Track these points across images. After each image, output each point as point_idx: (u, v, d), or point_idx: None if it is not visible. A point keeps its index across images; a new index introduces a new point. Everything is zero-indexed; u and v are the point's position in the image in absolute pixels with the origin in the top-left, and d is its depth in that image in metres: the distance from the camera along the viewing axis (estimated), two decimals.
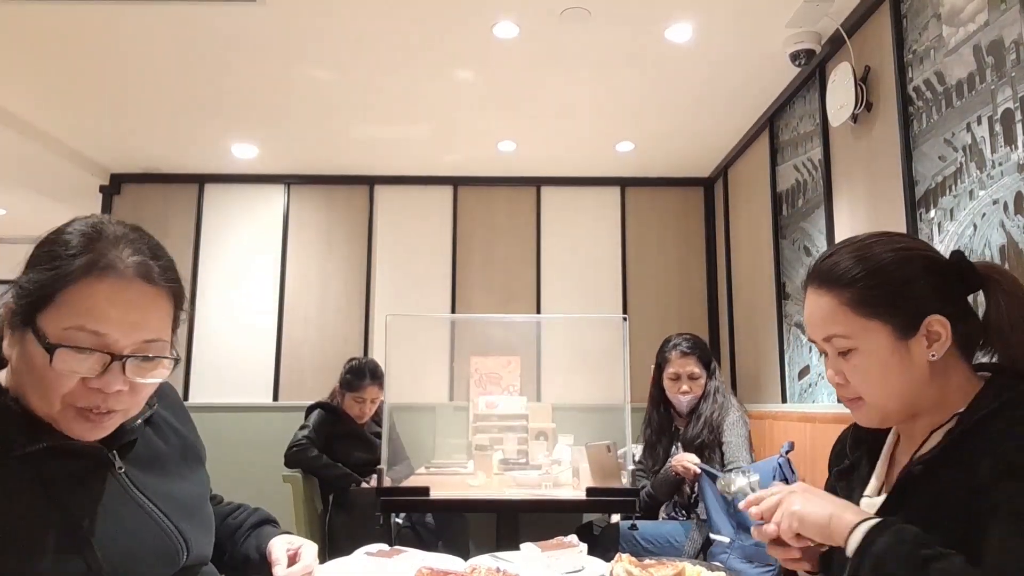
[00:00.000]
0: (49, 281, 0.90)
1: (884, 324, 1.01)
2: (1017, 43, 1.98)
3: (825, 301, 1.05)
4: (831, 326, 1.04)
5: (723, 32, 3.04)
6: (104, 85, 3.56)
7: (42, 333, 0.89)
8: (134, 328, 0.93)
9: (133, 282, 0.94)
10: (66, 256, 0.92)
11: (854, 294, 1.02)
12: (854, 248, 1.06)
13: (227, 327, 4.70)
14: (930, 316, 1.00)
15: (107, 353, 0.91)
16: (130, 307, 0.93)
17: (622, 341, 3.02)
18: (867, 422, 1.09)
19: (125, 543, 0.95)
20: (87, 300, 0.91)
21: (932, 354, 1.00)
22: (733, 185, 4.55)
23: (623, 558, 1.27)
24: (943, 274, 1.03)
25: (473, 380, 4.61)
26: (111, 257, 0.93)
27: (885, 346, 1.01)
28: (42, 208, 5.49)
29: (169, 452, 1.12)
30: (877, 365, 1.01)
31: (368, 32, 3.06)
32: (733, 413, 2.94)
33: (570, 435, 3.75)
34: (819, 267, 1.08)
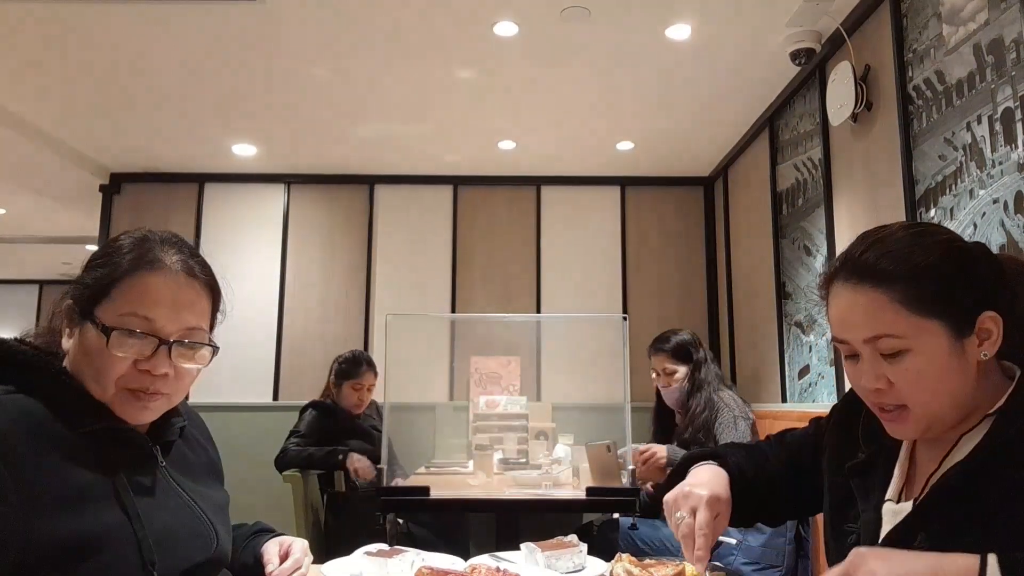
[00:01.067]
0: (105, 277, 1.05)
1: (942, 323, 0.91)
2: (1017, 42, 1.98)
3: (870, 298, 0.93)
4: (880, 326, 0.92)
5: (723, 32, 3.04)
6: (104, 85, 3.56)
7: (99, 321, 1.03)
8: (178, 316, 1.08)
9: (178, 276, 1.09)
10: (119, 256, 1.07)
11: (908, 290, 0.91)
12: (900, 239, 0.95)
13: (227, 327, 4.67)
14: (984, 312, 0.91)
15: (156, 337, 1.05)
16: (175, 298, 1.08)
17: (622, 341, 3.02)
18: (909, 434, 0.98)
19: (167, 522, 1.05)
20: (138, 290, 1.05)
21: (984, 353, 0.92)
22: (733, 185, 4.54)
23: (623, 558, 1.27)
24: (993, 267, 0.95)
25: (473, 380, 4.61)
26: (158, 254, 1.08)
27: (943, 347, 0.91)
28: (42, 208, 5.50)
29: (197, 464, 1.23)
30: (934, 368, 0.91)
31: (368, 32, 3.06)
32: (726, 413, 2.85)
33: (570, 435, 3.75)
34: (859, 260, 0.95)
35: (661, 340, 3.13)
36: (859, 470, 1.06)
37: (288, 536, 1.32)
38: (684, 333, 3.14)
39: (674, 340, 3.09)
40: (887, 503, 1.00)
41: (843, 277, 0.96)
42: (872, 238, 0.97)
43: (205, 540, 1.11)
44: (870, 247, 0.96)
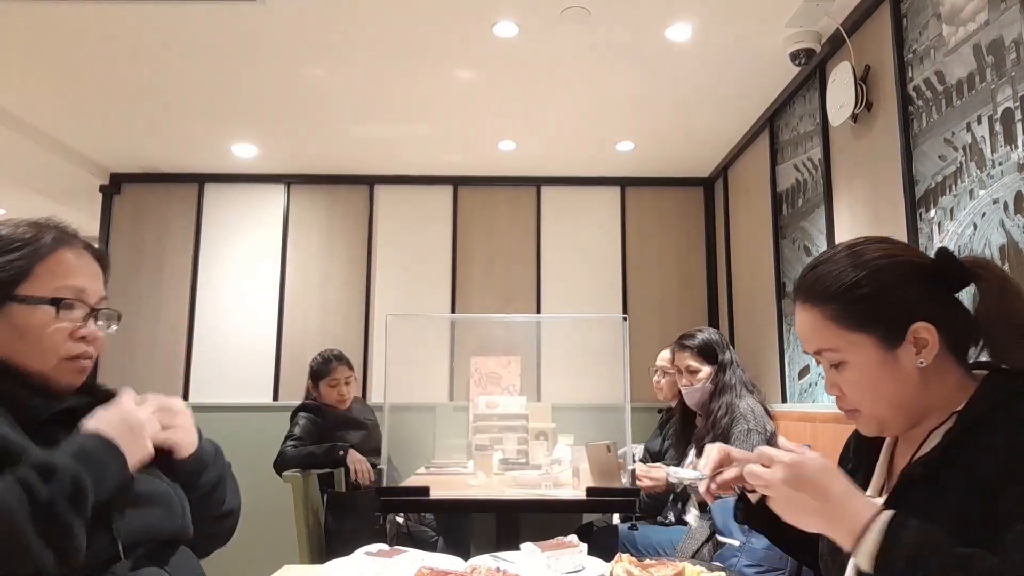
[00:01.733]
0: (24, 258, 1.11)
1: (869, 336, 1.01)
2: (1017, 42, 1.98)
3: (811, 316, 1.05)
4: (819, 341, 1.05)
5: (723, 32, 3.04)
6: (104, 85, 3.56)
7: (36, 297, 1.09)
8: (96, 287, 1.18)
9: (85, 252, 1.19)
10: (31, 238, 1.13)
11: (837, 309, 1.02)
12: (836, 260, 1.05)
13: (227, 327, 4.70)
14: (916, 323, 0.99)
15: (86, 305, 1.15)
16: (89, 270, 1.18)
17: (622, 341, 3.02)
18: (867, 431, 1.09)
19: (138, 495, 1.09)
20: (65, 265, 1.14)
21: (921, 361, 1.00)
22: (733, 185, 4.55)
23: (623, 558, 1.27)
24: (926, 277, 1.02)
25: (473, 380, 4.61)
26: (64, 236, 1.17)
27: (873, 357, 1.01)
28: (42, 208, 5.44)
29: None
30: (867, 377, 1.01)
31: (368, 32, 3.06)
32: (741, 424, 2.74)
33: (570, 435, 3.75)
34: (803, 281, 1.08)
35: (687, 337, 2.98)
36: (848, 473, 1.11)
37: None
38: (711, 332, 3.01)
39: (700, 338, 2.95)
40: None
41: (796, 297, 1.10)
42: (815, 261, 1.09)
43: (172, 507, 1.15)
44: (811, 270, 1.08)
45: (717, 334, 3.01)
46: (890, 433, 1.08)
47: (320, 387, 3.62)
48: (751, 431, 2.73)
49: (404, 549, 1.45)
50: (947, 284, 1.03)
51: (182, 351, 4.65)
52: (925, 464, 0.98)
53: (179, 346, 4.65)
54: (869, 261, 1.03)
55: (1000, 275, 1.02)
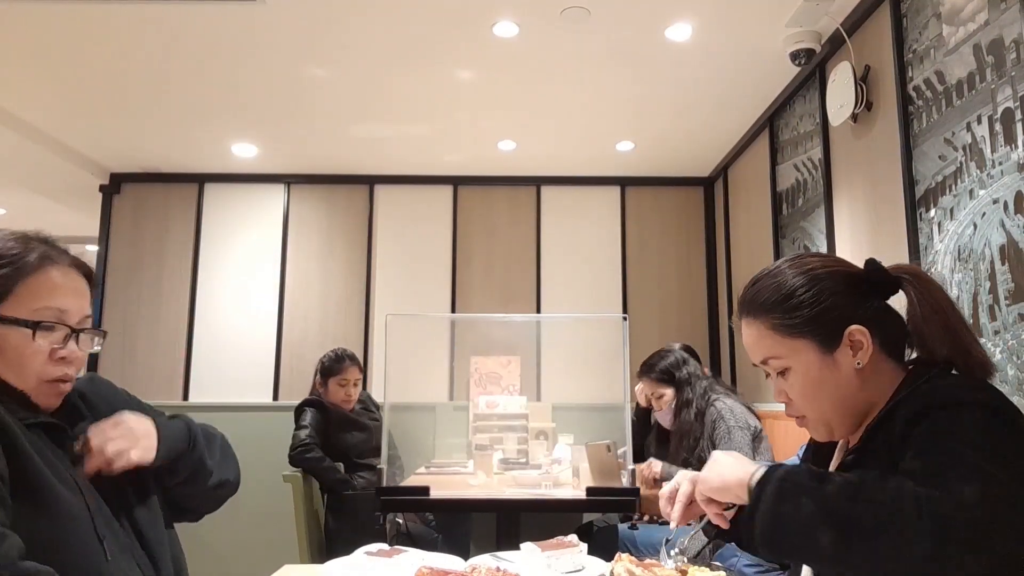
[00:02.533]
0: (7, 276, 1.09)
1: (809, 341, 1.08)
2: (1017, 42, 1.98)
3: (754, 328, 1.13)
4: (763, 350, 1.12)
5: (723, 32, 3.04)
6: (104, 85, 3.56)
7: (13, 318, 1.07)
8: (79, 306, 1.16)
9: (70, 270, 1.16)
10: (15, 255, 1.10)
11: (777, 317, 1.10)
12: (770, 276, 1.14)
13: (227, 327, 4.70)
14: (850, 327, 1.06)
15: (67, 326, 1.12)
16: (73, 289, 1.16)
17: (622, 341, 3.02)
18: (818, 436, 1.16)
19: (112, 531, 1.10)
20: (47, 285, 1.11)
21: (858, 362, 1.07)
22: (733, 185, 4.54)
23: (623, 558, 1.27)
24: (856, 285, 1.10)
25: (473, 380, 4.61)
26: (51, 252, 1.14)
27: (814, 361, 1.08)
28: (42, 208, 5.49)
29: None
30: (810, 380, 1.08)
31: (368, 32, 3.06)
32: (721, 425, 2.80)
33: (570, 435, 3.75)
34: (743, 298, 1.15)
35: (645, 365, 3.16)
36: None
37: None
38: (670, 355, 3.13)
39: (656, 363, 3.11)
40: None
41: (738, 313, 1.17)
42: (755, 277, 1.16)
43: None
44: (752, 285, 1.15)
45: (674, 355, 3.13)
46: (838, 436, 1.14)
47: (328, 384, 3.61)
48: (732, 428, 2.81)
49: (404, 549, 1.45)
50: (878, 291, 1.11)
51: (182, 351, 4.65)
52: (854, 452, 1.07)
53: (179, 346, 4.65)
54: (805, 272, 1.11)
55: (925, 279, 1.10)
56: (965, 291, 2.19)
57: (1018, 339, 1.97)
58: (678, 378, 3.04)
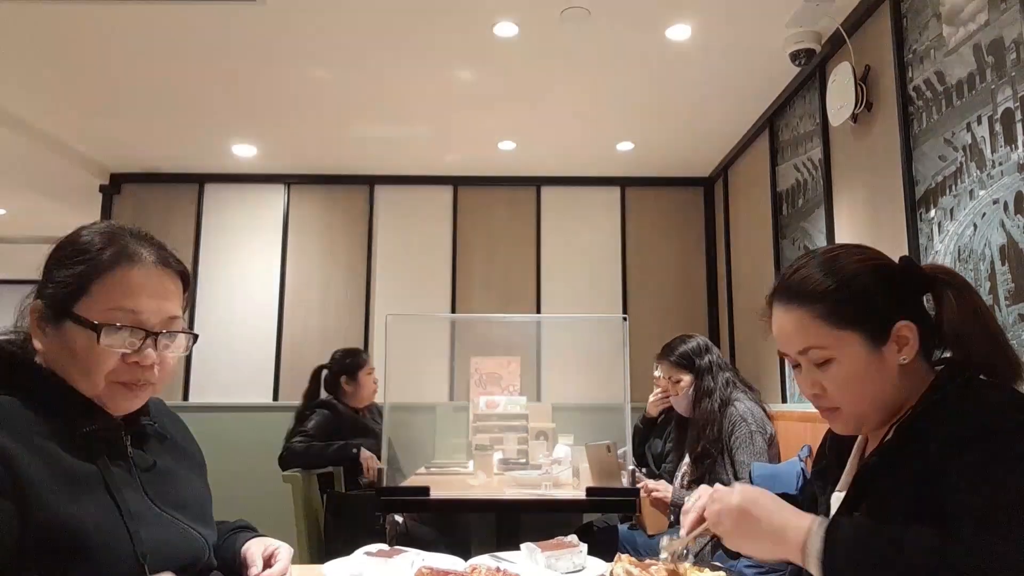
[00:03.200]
0: (82, 274, 1.04)
1: (857, 334, 1.04)
2: (1017, 43, 1.98)
3: (796, 316, 1.08)
4: (807, 339, 1.07)
5: (723, 32, 3.04)
6: (104, 85, 3.56)
7: (84, 319, 1.03)
8: (160, 307, 1.09)
9: (155, 268, 1.10)
10: (94, 252, 1.06)
11: (826, 306, 1.05)
12: (819, 262, 1.09)
13: (227, 327, 4.70)
14: (899, 322, 1.04)
15: (142, 330, 1.06)
16: (156, 290, 1.09)
17: (622, 341, 3.02)
18: (844, 430, 1.12)
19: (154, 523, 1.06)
20: (121, 285, 1.05)
21: (903, 358, 1.04)
22: (733, 185, 4.54)
23: (623, 558, 1.27)
24: (899, 280, 1.07)
25: (473, 380, 4.61)
26: (134, 249, 1.08)
27: (861, 355, 1.04)
28: (42, 208, 5.49)
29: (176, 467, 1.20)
30: (855, 374, 1.04)
31: (368, 32, 3.06)
32: (742, 427, 2.71)
33: (570, 435, 3.75)
34: (787, 283, 1.10)
35: (665, 348, 3.05)
36: (819, 472, 1.21)
37: (273, 539, 1.27)
38: (692, 340, 3.01)
39: (676, 347, 3.00)
40: (835, 493, 1.14)
41: (776, 299, 1.12)
42: (799, 263, 1.12)
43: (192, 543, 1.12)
44: (796, 271, 1.10)
45: (696, 340, 3.01)
46: (867, 431, 1.12)
47: (359, 378, 3.55)
48: (753, 433, 2.71)
49: (404, 549, 1.45)
50: (913, 288, 1.09)
51: None
52: (880, 453, 1.04)
53: None
54: (852, 263, 1.07)
55: (962, 281, 1.08)
56: None
57: (1018, 339, 1.97)
58: (698, 365, 2.92)
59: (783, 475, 2.57)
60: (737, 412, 2.76)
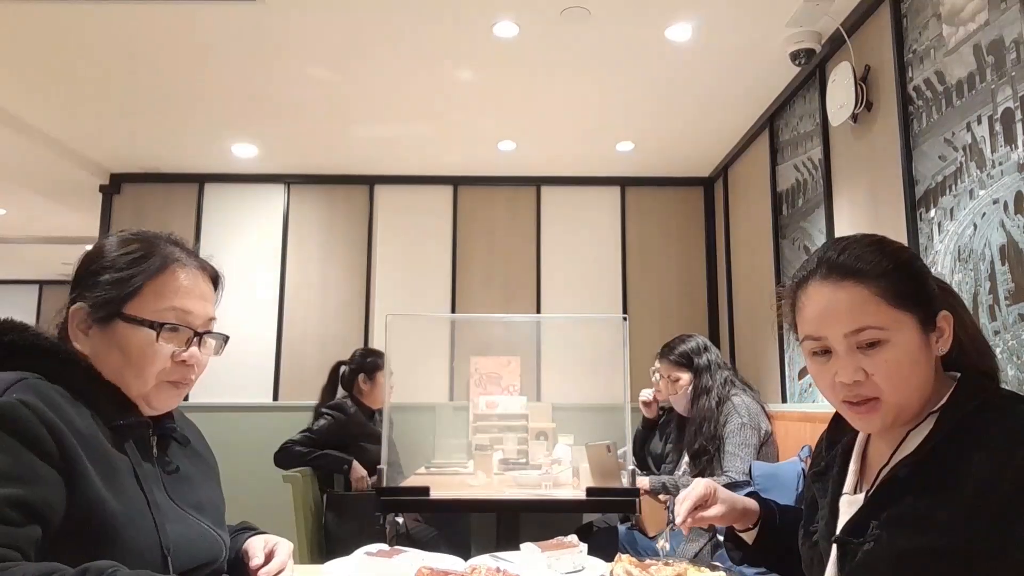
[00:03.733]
0: (133, 276, 1.09)
1: (913, 316, 1.00)
2: (1017, 42, 1.98)
3: (855, 293, 1.00)
4: (864, 317, 0.99)
5: (723, 32, 3.04)
6: (104, 85, 3.56)
7: (139, 318, 1.08)
8: (204, 309, 1.16)
9: (196, 271, 1.16)
10: (142, 256, 1.11)
11: (889, 284, 1.00)
12: (868, 245, 1.04)
13: (227, 327, 4.67)
14: (942, 311, 1.02)
15: (191, 329, 1.12)
16: (199, 291, 1.15)
17: (622, 341, 3.02)
18: (877, 425, 1.03)
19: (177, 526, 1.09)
20: (172, 287, 1.11)
21: (940, 349, 1.01)
22: (733, 185, 4.55)
23: (623, 558, 1.27)
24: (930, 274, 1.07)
25: (473, 380, 4.61)
26: (177, 253, 1.14)
27: (915, 339, 0.99)
28: (42, 208, 5.50)
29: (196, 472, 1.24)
30: (908, 357, 0.99)
31: (368, 32, 3.06)
32: (735, 419, 2.78)
33: (570, 435, 3.75)
34: (838, 261, 1.03)
35: (665, 347, 3.10)
36: (819, 474, 1.16)
37: (273, 535, 1.30)
38: (692, 340, 3.06)
39: (675, 346, 3.04)
40: (844, 496, 1.08)
41: (822, 276, 1.04)
42: (843, 243, 1.06)
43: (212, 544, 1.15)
44: (843, 250, 1.04)
45: (695, 340, 3.06)
46: (897, 424, 1.03)
47: (376, 377, 3.57)
48: (744, 426, 2.77)
49: (404, 549, 1.45)
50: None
51: None
52: (908, 466, 0.98)
53: None
54: (902, 248, 1.06)
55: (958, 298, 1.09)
56: (965, 291, 2.19)
57: (1018, 339, 1.97)
58: (697, 364, 2.97)
59: (783, 475, 2.58)
60: (732, 405, 2.84)
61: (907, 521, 0.94)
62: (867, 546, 0.97)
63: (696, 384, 2.94)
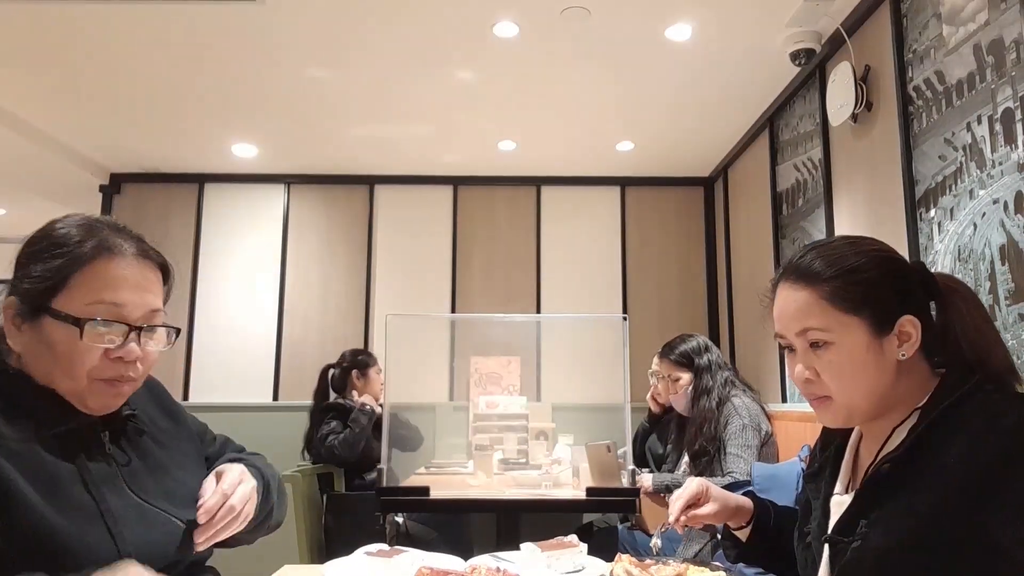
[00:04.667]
0: (61, 267, 1.00)
1: (862, 320, 1.02)
2: (1017, 42, 1.98)
3: (803, 295, 1.06)
4: (808, 319, 1.05)
5: (723, 32, 3.04)
6: (104, 85, 3.56)
7: (64, 314, 0.99)
8: (143, 300, 1.05)
9: (135, 260, 1.06)
10: (73, 244, 1.02)
11: (834, 288, 1.04)
12: (831, 248, 1.09)
13: (227, 327, 4.70)
14: (904, 316, 1.03)
15: (125, 324, 1.03)
16: (137, 282, 1.05)
17: (622, 341, 3.02)
18: (832, 422, 1.09)
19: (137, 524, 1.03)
20: (102, 278, 1.02)
21: (902, 354, 1.03)
22: (733, 185, 4.54)
23: (623, 558, 1.27)
24: (910, 279, 1.07)
25: (473, 380, 4.61)
26: (113, 241, 1.05)
27: (861, 342, 1.02)
28: (42, 208, 5.48)
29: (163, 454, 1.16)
30: (851, 361, 1.03)
31: (368, 32, 3.05)
32: (736, 421, 2.76)
33: (570, 435, 3.75)
34: (800, 262, 1.09)
35: (665, 347, 3.09)
36: (813, 475, 1.18)
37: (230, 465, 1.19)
38: (692, 339, 3.05)
39: (676, 346, 3.03)
40: (834, 496, 1.11)
41: (784, 278, 1.10)
42: (812, 246, 1.11)
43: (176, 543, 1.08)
44: (808, 253, 1.09)
45: (696, 340, 3.05)
46: (854, 423, 1.10)
47: (369, 374, 3.69)
48: (745, 427, 2.76)
49: (404, 549, 1.45)
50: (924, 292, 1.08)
51: (182, 351, 4.64)
52: (892, 461, 1.00)
53: (179, 346, 4.65)
54: (870, 251, 1.07)
55: (972, 294, 1.08)
56: None
57: (1018, 339, 1.97)
58: (697, 364, 2.95)
59: (783, 475, 2.57)
60: (733, 406, 2.82)
61: (892, 517, 0.96)
62: (855, 544, 0.98)
63: (696, 384, 2.93)
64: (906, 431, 1.02)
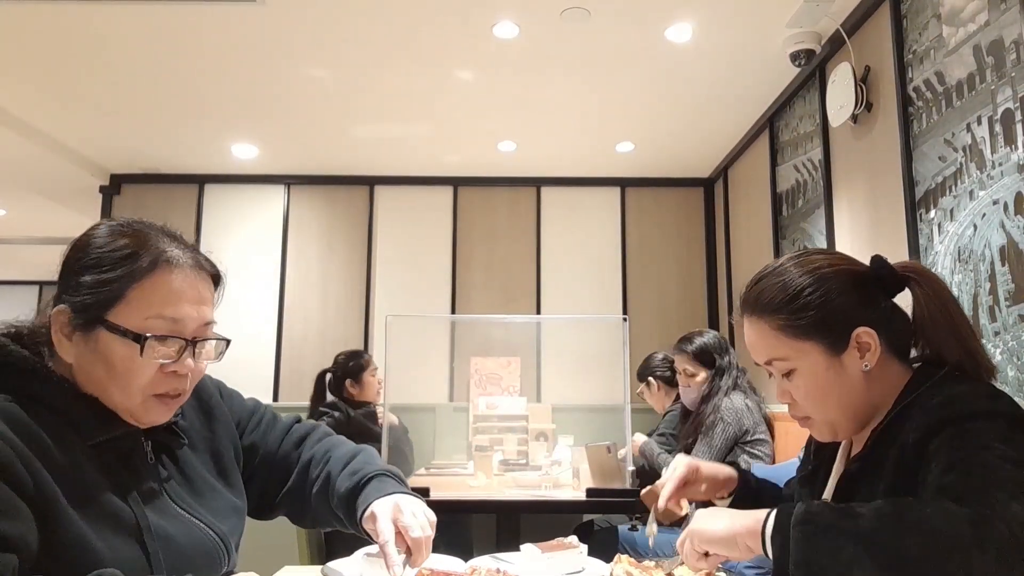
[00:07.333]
0: (119, 279, 0.97)
1: (815, 344, 1.04)
2: (1017, 43, 1.98)
3: (757, 328, 1.09)
4: (768, 351, 1.08)
5: (723, 32, 3.04)
6: (104, 85, 3.56)
7: (123, 328, 0.96)
8: (199, 314, 1.04)
9: (192, 272, 1.04)
10: (127, 256, 0.98)
11: (784, 319, 1.05)
12: (775, 274, 1.09)
13: (227, 327, 4.67)
14: (857, 329, 1.03)
15: (181, 339, 1.00)
16: (194, 295, 1.03)
17: (622, 341, 3.02)
18: (821, 438, 1.12)
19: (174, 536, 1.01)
20: (161, 292, 0.99)
21: (866, 364, 1.04)
22: (733, 185, 4.55)
23: (623, 559, 1.27)
24: (863, 284, 1.06)
25: (473, 380, 4.61)
26: (170, 252, 1.01)
27: (820, 364, 1.04)
28: (42, 209, 5.49)
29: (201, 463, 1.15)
30: (816, 383, 1.05)
31: (368, 32, 3.06)
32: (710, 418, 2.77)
33: (570, 435, 3.75)
34: (747, 296, 1.11)
35: (684, 340, 3.01)
36: (806, 478, 1.20)
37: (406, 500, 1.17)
38: (711, 335, 3.00)
39: (697, 342, 2.96)
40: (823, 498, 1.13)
41: (740, 311, 1.13)
42: (758, 275, 1.12)
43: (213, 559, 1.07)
44: (755, 284, 1.11)
45: (716, 338, 3.00)
46: (842, 436, 1.12)
47: (363, 378, 3.57)
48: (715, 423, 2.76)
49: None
50: (884, 289, 1.07)
51: None
52: (860, 459, 1.04)
53: None
54: (811, 271, 1.07)
55: (931, 278, 1.07)
56: (965, 292, 2.19)
57: (1018, 340, 1.97)
58: (718, 364, 2.91)
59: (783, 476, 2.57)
60: (721, 407, 2.79)
61: None
62: None
63: (711, 384, 2.90)
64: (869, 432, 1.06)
